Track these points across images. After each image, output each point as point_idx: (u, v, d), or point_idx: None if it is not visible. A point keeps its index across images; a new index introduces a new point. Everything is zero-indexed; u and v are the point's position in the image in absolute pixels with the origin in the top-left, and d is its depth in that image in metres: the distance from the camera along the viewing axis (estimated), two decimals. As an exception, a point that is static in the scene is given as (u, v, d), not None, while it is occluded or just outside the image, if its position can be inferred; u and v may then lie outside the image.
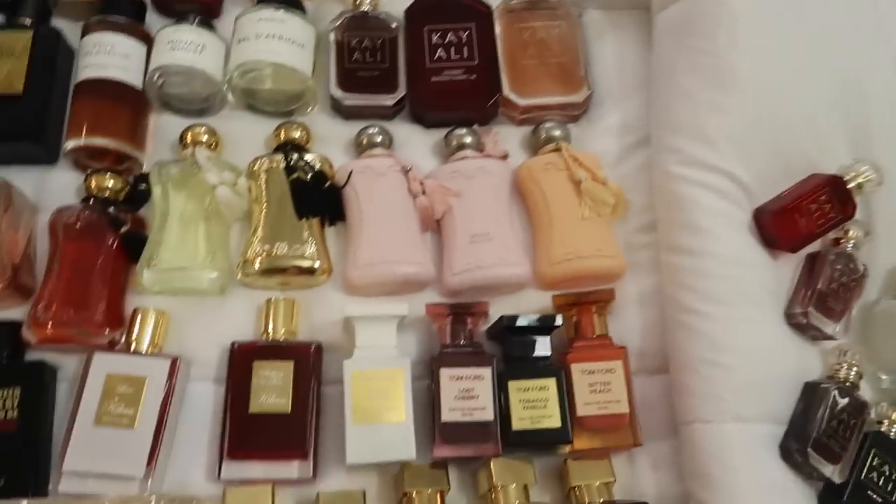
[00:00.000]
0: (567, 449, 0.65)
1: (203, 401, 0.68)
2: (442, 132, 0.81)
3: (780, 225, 0.68)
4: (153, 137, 0.78)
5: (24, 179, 0.73)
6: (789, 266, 0.71)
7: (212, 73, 0.76)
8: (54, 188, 0.75)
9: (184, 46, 0.74)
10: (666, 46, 0.78)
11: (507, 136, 0.81)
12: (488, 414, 0.64)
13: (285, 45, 0.75)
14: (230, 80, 0.76)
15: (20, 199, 0.71)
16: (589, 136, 0.81)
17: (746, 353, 0.64)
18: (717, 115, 0.70)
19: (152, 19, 0.83)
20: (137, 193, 0.72)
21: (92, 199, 0.71)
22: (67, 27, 0.80)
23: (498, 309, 0.70)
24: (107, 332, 0.66)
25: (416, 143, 0.81)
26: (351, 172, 0.74)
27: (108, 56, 0.74)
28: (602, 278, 0.73)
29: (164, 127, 0.79)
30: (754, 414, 0.63)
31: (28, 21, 0.78)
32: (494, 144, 0.79)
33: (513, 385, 0.65)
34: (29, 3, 0.78)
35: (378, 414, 0.63)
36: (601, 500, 0.64)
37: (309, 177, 0.73)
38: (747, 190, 0.70)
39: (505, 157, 0.78)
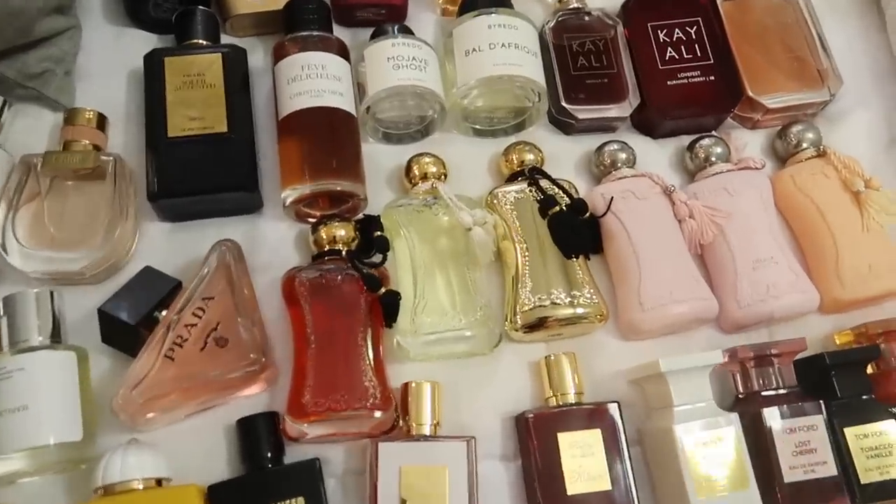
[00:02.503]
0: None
1: (492, 483, 0.58)
2: (671, 143, 0.72)
3: None
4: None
5: (230, 233, 0.62)
6: None
7: (437, 93, 0.65)
8: (265, 240, 0.63)
9: (408, 63, 0.63)
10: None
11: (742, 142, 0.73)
12: (831, 468, 0.57)
13: (523, 55, 0.64)
14: (464, 98, 0.65)
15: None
16: (832, 138, 0.73)
17: None
18: None
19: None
20: (377, 241, 0.61)
21: (326, 255, 0.60)
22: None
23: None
24: (380, 416, 0.55)
25: (646, 156, 0.71)
26: (612, 198, 0.64)
27: (321, 80, 0.62)
28: (892, 297, 0.66)
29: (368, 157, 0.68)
30: None
31: (202, 42, 0.65)
32: (737, 152, 0.71)
33: (850, 432, 0.58)
34: (198, 21, 0.66)
35: (720, 483, 0.55)
36: (963, 551, 0.57)
37: (566, 207, 0.63)
38: None
39: (763, 166, 0.69)
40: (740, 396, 0.61)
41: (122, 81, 0.68)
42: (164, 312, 0.56)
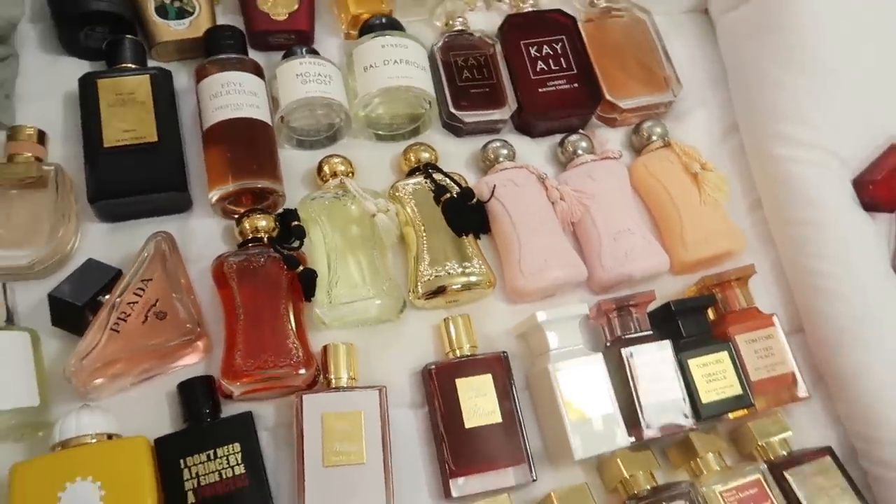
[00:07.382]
0: (746, 412, 0.72)
1: (403, 428, 0.68)
2: (546, 140, 0.86)
3: (882, 191, 0.78)
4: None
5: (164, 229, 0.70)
6: (883, 224, 0.81)
7: (342, 103, 0.75)
8: (195, 235, 0.72)
9: (314, 79, 0.74)
10: (745, 43, 0.86)
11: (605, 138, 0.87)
12: (677, 392, 0.69)
13: (413, 69, 0.76)
14: (365, 107, 0.76)
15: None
16: (678, 131, 0.88)
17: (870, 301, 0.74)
18: (813, 98, 0.79)
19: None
20: (295, 230, 0.71)
21: (250, 243, 0.69)
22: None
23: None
24: (303, 372, 0.65)
25: (526, 152, 0.84)
26: (494, 186, 0.77)
27: (239, 95, 0.72)
28: (728, 257, 0.80)
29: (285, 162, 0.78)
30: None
31: (131, 65, 0.74)
32: (600, 146, 0.85)
33: (693, 363, 0.71)
34: (126, 48, 0.75)
35: (588, 408, 0.67)
36: (785, 453, 0.71)
37: (456, 195, 0.75)
38: (845, 163, 0.79)
39: (620, 156, 0.83)
40: (608, 344, 0.74)
41: (58, 102, 0.76)
42: (107, 297, 0.64)
